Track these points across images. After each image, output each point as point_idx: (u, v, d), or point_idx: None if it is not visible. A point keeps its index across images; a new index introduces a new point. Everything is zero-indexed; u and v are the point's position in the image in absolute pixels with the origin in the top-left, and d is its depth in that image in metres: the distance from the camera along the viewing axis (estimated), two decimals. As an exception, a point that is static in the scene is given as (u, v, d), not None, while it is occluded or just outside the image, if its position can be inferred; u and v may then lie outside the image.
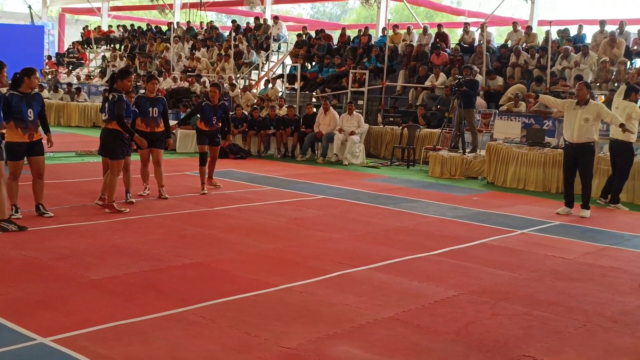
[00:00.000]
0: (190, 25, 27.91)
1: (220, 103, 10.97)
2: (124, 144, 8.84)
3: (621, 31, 18.08)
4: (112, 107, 8.62)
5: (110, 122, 8.71)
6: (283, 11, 43.11)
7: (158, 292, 5.59)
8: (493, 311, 5.53)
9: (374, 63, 20.16)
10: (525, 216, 9.90)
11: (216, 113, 10.86)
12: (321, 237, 7.89)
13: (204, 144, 11.01)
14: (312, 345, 4.61)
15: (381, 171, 14.70)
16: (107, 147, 8.84)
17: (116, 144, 8.74)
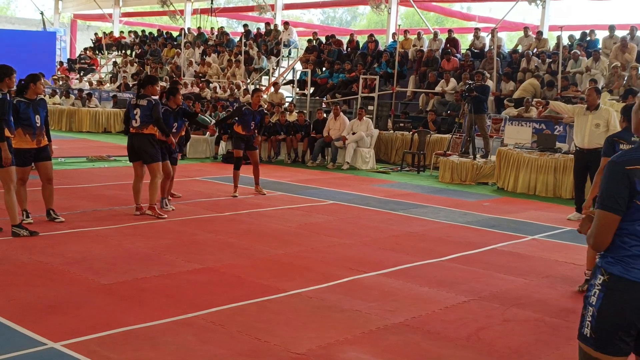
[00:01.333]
0: (200, 30, 28.01)
1: (260, 109, 11.06)
2: (158, 147, 8.84)
3: (632, 36, 17.99)
4: (148, 112, 8.64)
5: (145, 127, 8.70)
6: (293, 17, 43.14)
7: (168, 297, 5.60)
8: (504, 317, 5.51)
9: (384, 68, 20.16)
10: (536, 222, 9.86)
11: (254, 118, 10.90)
12: (331, 243, 7.89)
13: (240, 149, 11.06)
14: (322, 351, 4.61)
15: (391, 177, 14.68)
16: (145, 151, 8.78)
17: (154, 148, 8.77)
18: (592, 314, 2.78)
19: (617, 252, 2.77)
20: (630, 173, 2.72)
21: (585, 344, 2.84)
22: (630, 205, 2.74)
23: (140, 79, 9.45)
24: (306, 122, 16.82)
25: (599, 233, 2.78)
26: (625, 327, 2.73)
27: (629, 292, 2.72)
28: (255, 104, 11.01)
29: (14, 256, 6.62)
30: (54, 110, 22.50)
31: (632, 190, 2.72)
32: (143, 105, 8.69)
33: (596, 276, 2.82)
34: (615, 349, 2.76)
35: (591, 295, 2.80)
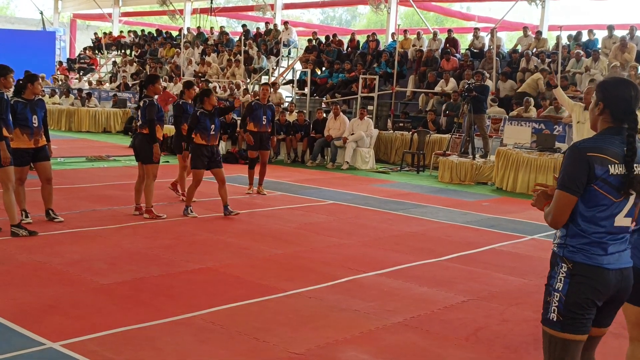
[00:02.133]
0: (200, 30, 28.01)
1: (269, 103, 11.09)
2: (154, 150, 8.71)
3: (632, 36, 18.00)
4: (144, 112, 8.65)
5: (144, 127, 8.70)
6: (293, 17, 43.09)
7: (168, 297, 5.61)
8: (503, 317, 5.52)
9: (383, 68, 20.17)
10: (535, 222, 9.85)
11: (265, 113, 10.91)
12: (331, 243, 7.89)
13: (254, 149, 11.08)
14: (321, 351, 4.61)
15: (391, 177, 14.68)
16: (142, 151, 8.79)
17: (150, 149, 8.69)
18: (558, 299, 3.00)
19: (577, 240, 3.00)
20: (591, 159, 2.93)
21: (551, 328, 3.06)
22: (589, 190, 2.96)
23: (141, 79, 9.45)
24: (306, 122, 16.83)
25: (557, 212, 3.01)
26: (588, 308, 2.99)
27: (591, 277, 2.97)
28: (263, 98, 11.03)
29: (13, 256, 6.62)
30: (54, 110, 22.50)
31: (590, 174, 2.93)
32: (142, 106, 8.71)
33: (559, 265, 3.03)
34: (580, 328, 3.01)
35: (556, 282, 3.03)
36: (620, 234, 3.03)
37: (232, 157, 15.64)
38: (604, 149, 2.99)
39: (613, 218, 3.00)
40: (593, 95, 3.23)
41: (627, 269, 3.05)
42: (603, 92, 3.12)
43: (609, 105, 3.08)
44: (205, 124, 9.13)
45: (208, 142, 9.20)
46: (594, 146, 2.99)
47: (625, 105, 3.05)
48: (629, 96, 3.05)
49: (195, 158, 9.14)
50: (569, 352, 3.02)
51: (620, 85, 3.11)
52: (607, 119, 3.10)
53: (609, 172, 2.95)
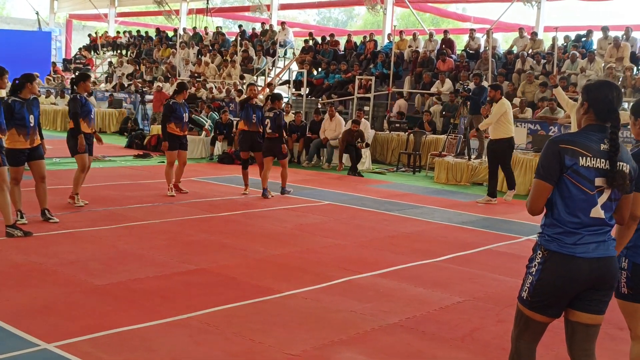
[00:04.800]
0: (196, 30, 27.98)
1: (258, 104, 11.19)
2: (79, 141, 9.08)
3: (627, 37, 18.03)
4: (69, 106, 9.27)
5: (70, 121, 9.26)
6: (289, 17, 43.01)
7: (163, 298, 5.59)
8: (499, 318, 5.51)
9: (380, 69, 20.18)
10: (530, 222, 9.84)
11: (255, 112, 10.94)
12: (326, 243, 7.88)
13: (246, 150, 11.11)
14: (317, 352, 4.60)
15: (387, 177, 14.68)
16: (68, 144, 9.25)
17: (74, 141, 9.07)
18: (531, 282, 3.27)
19: (553, 229, 3.21)
20: (562, 150, 3.16)
21: (522, 305, 3.35)
22: (562, 180, 3.18)
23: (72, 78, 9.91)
24: (302, 123, 16.81)
25: (533, 198, 3.26)
26: (556, 294, 3.22)
27: (563, 265, 3.17)
28: (251, 97, 11.08)
29: (8, 257, 6.59)
30: (49, 110, 22.44)
31: (562, 164, 3.16)
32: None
33: (536, 251, 3.29)
34: (545, 311, 3.27)
35: (532, 266, 3.29)
36: (596, 226, 3.20)
37: (228, 158, 15.62)
38: (577, 142, 3.19)
39: (588, 210, 3.18)
40: (579, 97, 3.35)
41: (604, 259, 3.20)
42: (587, 93, 3.33)
43: (593, 105, 3.29)
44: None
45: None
46: (567, 139, 3.22)
47: (608, 105, 3.26)
48: (612, 96, 3.26)
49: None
50: (530, 328, 3.34)
51: (603, 86, 3.32)
52: (591, 118, 3.31)
53: (579, 164, 3.15)
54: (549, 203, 3.24)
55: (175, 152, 10.69)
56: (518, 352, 3.41)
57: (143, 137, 18.08)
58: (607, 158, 3.17)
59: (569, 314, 3.32)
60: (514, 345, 3.44)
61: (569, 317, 3.34)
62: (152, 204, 9.87)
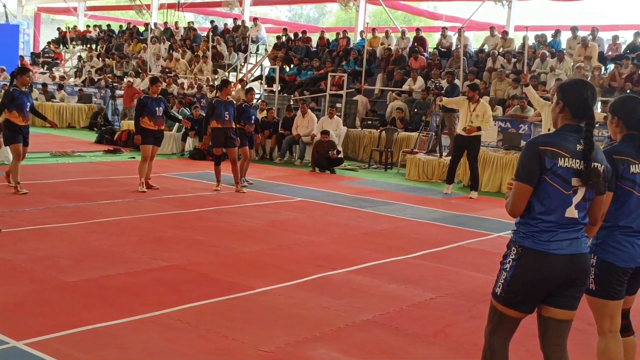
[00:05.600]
0: (167, 26, 27.75)
1: (229, 100, 11.16)
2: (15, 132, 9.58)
3: (594, 37, 18.28)
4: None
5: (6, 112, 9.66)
6: (261, 13, 42.87)
7: (135, 295, 5.53)
8: (471, 314, 5.56)
9: (352, 66, 20.20)
10: (501, 219, 9.94)
11: (227, 109, 10.91)
12: (300, 240, 7.87)
13: (219, 147, 11.06)
14: (291, 349, 4.59)
15: (359, 174, 14.71)
16: (4, 134, 9.76)
17: (8, 131, 9.60)
18: (505, 278, 3.30)
19: (528, 228, 3.23)
20: (541, 152, 3.18)
21: (496, 301, 3.39)
22: (541, 181, 3.19)
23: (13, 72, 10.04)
24: (275, 120, 16.77)
25: (514, 201, 3.25)
26: (529, 290, 3.25)
27: (537, 262, 3.20)
28: (224, 94, 11.02)
29: (-24, 253, 6.47)
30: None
31: (542, 166, 3.18)
32: None
33: (511, 248, 3.32)
34: (518, 307, 3.30)
35: (506, 262, 3.32)
36: (570, 225, 3.24)
37: (199, 153, 15.51)
38: (555, 143, 3.22)
39: (564, 209, 3.22)
40: (554, 95, 3.39)
41: (577, 255, 3.24)
42: (562, 92, 3.37)
43: (568, 104, 3.33)
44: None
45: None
46: (546, 141, 3.25)
47: (583, 104, 3.30)
48: (586, 95, 3.30)
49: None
50: (504, 324, 3.38)
51: (577, 85, 3.36)
52: (566, 117, 3.34)
53: (557, 164, 3.18)
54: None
55: (149, 146, 10.62)
56: (491, 347, 3.43)
57: (113, 132, 17.89)
58: (582, 158, 3.20)
59: (542, 309, 3.35)
60: (487, 341, 3.46)
61: (542, 313, 3.37)
62: (123, 199, 9.77)
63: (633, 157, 3.62)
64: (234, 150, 11.10)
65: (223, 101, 10.92)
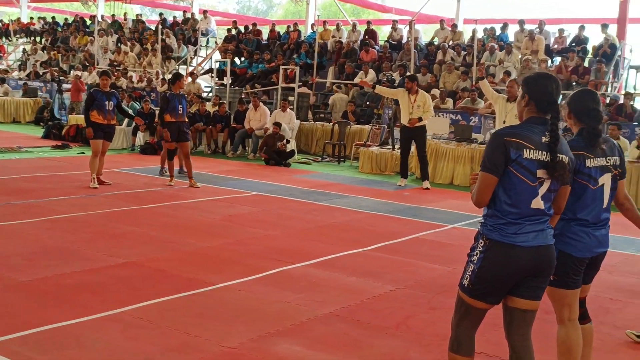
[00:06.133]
0: (115, 18, 27.25)
1: (182, 93, 11.05)
2: None
3: (541, 30, 18.66)
4: None
5: None
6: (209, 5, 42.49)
7: (92, 293, 5.44)
8: (430, 305, 5.63)
9: (303, 59, 20.18)
10: (455, 210, 10.10)
11: (181, 102, 10.82)
12: (257, 234, 7.84)
13: (172, 141, 10.94)
14: (254, 344, 4.58)
15: (313, 167, 14.73)
16: None
17: None
18: (472, 269, 3.33)
19: (495, 220, 3.27)
20: (507, 143, 3.22)
21: (463, 292, 3.42)
22: (506, 172, 3.23)
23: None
24: (227, 113, 16.65)
25: (479, 191, 3.29)
26: (496, 282, 3.29)
27: (505, 253, 3.25)
28: (176, 88, 10.93)
29: None
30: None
31: (507, 157, 3.21)
32: None
33: (478, 240, 3.34)
34: (486, 298, 3.35)
35: (474, 255, 3.34)
36: (536, 216, 3.28)
37: (150, 148, 15.31)
38: (520, 134, 3.26)
39: (529, 201, 3.25)
40: (519, 89, 3.42)
41: (543, 247, 3.30)
42: (528, 85, 3.41)
43: (534, 97, 3.36)
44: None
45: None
46: (511, 132, 3.29)
47: (548, 97, 3.34)
48: (551, 89, 3.35)
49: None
50: (471, 315, 3.42)
51: (542, 79, 3.40)
52: (532, 110, 3.38)
53: (523, 156, 3.21)
54: (492, 194, 3.29)
55: (100, 141, 10.43)
56: (458, 338, 3.47)
57: (61, 127, 17.51)
58: (547, 150, 3.24)
59: (508, 300, 3.41)
60: (454, 332, 3.50)
61: (508, 304, 3.42)
62: (75, 196, 9.58)
63: (588, 152, 3.71)
64: (187, 145, 11.00)
65: (176, 95, 10.81)
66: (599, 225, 3.78)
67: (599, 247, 3.80)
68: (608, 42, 17.31)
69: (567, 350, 3.80)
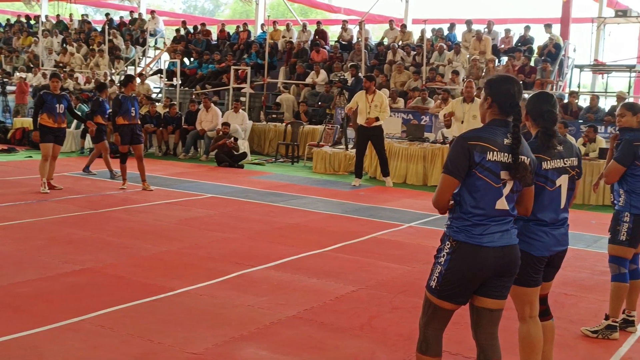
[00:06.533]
0: (60, 18, 26.66)
1: (132, 95, 10.90)
2: None
3: (489, 30, 18.98)
4: None
5: None
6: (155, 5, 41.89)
7: (49, 301, 5.30)
8: (393, 305, 5.65)
9: (254, 59, 20.10)
10: (410, 210, 10.18)
11: (133, 104, 10.67)
12: (215, 238, 7.77)
13: (125, 144, 10.77)
14: (219, 349, 4.54)
15: (266, 168, 14.68)
16: None
17: None
18: (439, 271, 3.35)
19: (461, 222, 3.31)
20: (470, 147, 3.25)
21: (430, 293, 3.44)
22: (470, 175, 3.26)
23: None
24: (178, 114, 16.47)
25: (439, 193, 3.31)
26: (463, 283, 3.32)
27: (471, 255, 3.28)
28: (128, 90, 10.78)
29: None
30: None
31: (471, 161, 3.24)
32: None
33: (445, 242, 3.37)
34: (453, 299, 3.38)
35: (440, 256, 3.37)
36: (500, 217, 3.32)
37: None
38: (484, 137, 3.30)
39: (493, 202, 3.29)
40: (482, 92, 3.46)
41: (508, 247, 3.35)
42: (490, 88, 3.44)
43: (496, 100, 3.40)
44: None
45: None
46: (475, 135, 3.32)
47: (510, 100, 3.37)
48: (513, 91, 3.38)
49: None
50: (439, 316, 3.45)
51: (505, 81, 3.44)
52: (494, 112, 3.41)
53: (486, 158, 3.25)
54: (457, 197, 3.32)
55: (50, 145, 10.20)
56: (426, 339, 3.49)
57: (6, 130, 17.05)
58: (509, 152, 3.28)
59: (475, 300, 3.44)
60: (422, 333, 3.51)
61: (475, 303, 3.45)
62: (25, 201, 9.34)
63: (544, 154, 3.77)
64: (140, 147, 10.84)
65: (128, 97, 10.65)
66: (557, 225, 3.86)
67: (558, 246, 3.88)
68: (553, 41, 17.69)
69: (528, 347, 3.87)
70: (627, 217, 4.93)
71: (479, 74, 17.07)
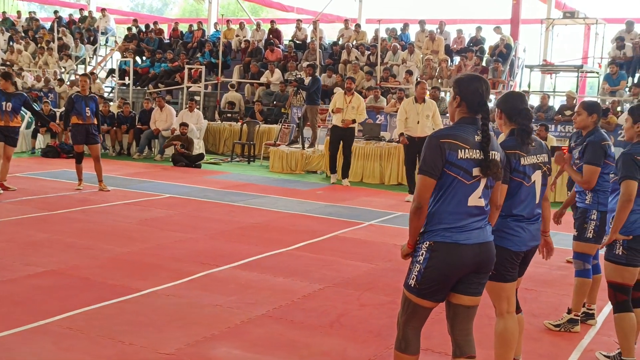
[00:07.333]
0: (6, 15, 26.03)
1: (91, 95, 10.72)
2: None
3: (441, 31, 19.27)
4: None
5: None
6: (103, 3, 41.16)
7: (15, 304, 5.22)
8: (360, 302, 5.73)
9: (207, 58, 19.98)
10: (368, 208, 10.30)
11: (88, 104, 10.47)
12: (177, 238, 7.73)
13: (80, 143, 10.60)
14: (192, 349, 4.54)
15: (222, 167, 14.63)
16: None
17: None
18: (418, 269, 3.39)
19: (437, 226, 3.35)
20: (442, 145, 3.30)
21: (409, 292, 3.47)
22: (444, 173, 3.31)
23: None
24: (131, 114, 16.28)
25: (418, 193, 3.35)
26: (442, 281, 3.37)
27: (449, 253, 3.33)
28: (83, 89, 10.62)
29: None
30: None
31: (444, 159, 3.30)
32: None
33: (422, 241, 3.40)
34: (432, 297, 3.42)
35: (419, 255, 3.40)
36: (476, 214, 3.38)
37: (53, 151, 14.77)
38: (455, 135, 3.35)
39: (467, 199, 3.35)
40: (450, 90, 3.54)
41: (484, 244, 3.42)
42: (459, 87, 3.50)
43: (465, 98, 3.46)
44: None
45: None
46: (446, 134, 3.38)
47: (479, 98, 3.45)
48: (481, 90, 3.45)
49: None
50: (418, 314, 3.49)
51: (473, 80, 3.49)
52: (463, 111, 3.48)
53: (458, 156, 3.30)
54: (432, 195, 3.37)
55: (0, 144, 9.96)
56: (406, 337, 3.53)
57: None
58: (480, 149, 3.35)
59: (451, 297, 3.50)
60: (400, 331, 3.56)
61: (451, 300, 3.51)
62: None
63: (522, 150, 3.89)
64: (96, 147, 10.69)
65: (83, 96, 10.49)
66: (532, 220, 3.98)
67: (533, 241, 4.01)
68: (503, 42, 18.06)
69: (504, 342, 3.96)
70: (595, 214, 5.05)
71: (433, 73, 17.33)
